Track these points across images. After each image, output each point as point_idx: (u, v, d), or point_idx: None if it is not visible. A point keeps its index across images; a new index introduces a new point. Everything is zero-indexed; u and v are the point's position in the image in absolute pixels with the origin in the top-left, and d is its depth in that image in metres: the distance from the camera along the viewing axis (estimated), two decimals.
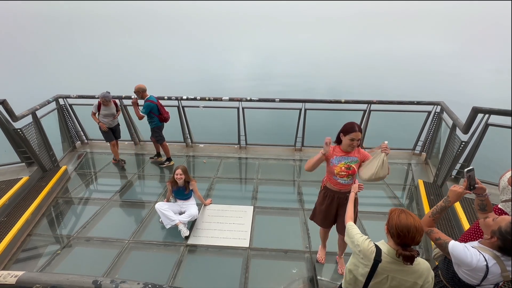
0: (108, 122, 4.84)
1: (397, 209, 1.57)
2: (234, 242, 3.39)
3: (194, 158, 5.45)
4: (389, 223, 1.55)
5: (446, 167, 3.99)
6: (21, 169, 4.51)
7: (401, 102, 4.98)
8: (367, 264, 1.57)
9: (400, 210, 1.55)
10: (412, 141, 5.35)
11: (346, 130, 2.37)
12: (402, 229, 1.46)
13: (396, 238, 1.49)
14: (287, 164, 5.20)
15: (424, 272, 1.54)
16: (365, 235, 1.68)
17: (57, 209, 4.06)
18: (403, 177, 4.80)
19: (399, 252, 1.47)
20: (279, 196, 4.39)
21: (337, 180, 2.50)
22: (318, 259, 3.11)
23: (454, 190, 1.83)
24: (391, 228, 1.53)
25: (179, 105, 5.32)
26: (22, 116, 4.19)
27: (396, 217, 1.51)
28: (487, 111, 3.49)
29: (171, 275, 2.95)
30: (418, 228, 1.46)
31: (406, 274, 1.53)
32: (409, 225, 1.45)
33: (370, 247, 1.58)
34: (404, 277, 1.53)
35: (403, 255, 1.46)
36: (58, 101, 5.14)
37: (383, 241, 1.63)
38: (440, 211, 1.82)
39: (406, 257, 1.46)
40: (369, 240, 1.63)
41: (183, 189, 3.62)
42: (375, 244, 1.60)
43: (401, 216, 1.50)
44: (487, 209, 1.89)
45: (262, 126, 7.79)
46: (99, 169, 5.06)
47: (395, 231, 1.49)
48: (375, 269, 1.55)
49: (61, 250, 3.31)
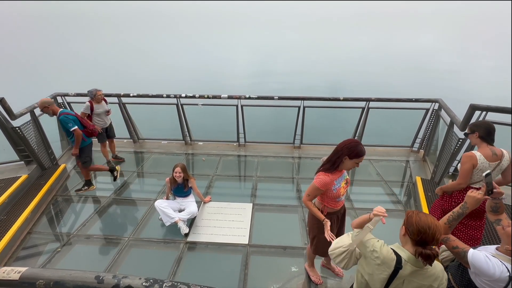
0: (102, 122, 4.74)
1: (412, 210, 1.56)
2: (234, 239, 3.41)
3: (193, 156, 5.46)
4: (407, 222, 1.51)
5: (444, 164, 4.02)
6: (20, 167, 4.50)
7: (399, 99, 5.00)
8: (386, 270, 1.50)
9: (417, 211, 1.54)
10: (410, 138, 5.38)
11: (356, 154, 2.08)
12: (423, 226, 1.43)
13: (416, 236, 1.45)
14: (286, 161, 5.22)
15: (440, 274, 1.51)
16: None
17: (57, 207, 4.06)
18: (401, 174, 4.83)
19: (419, 251, 1.42)
20: (278, 194, 4.41)
21: (339, 200, 2.35)
22: (316, 281, 2.83)
23: (472, 196, 1.70)
24: (410, 226, 1.48)
25: (178, 103, 5.32)
26: (21, 114, 4.18)
27: (415, 216, 1.49)
28: (484, 108, 3.52)
29: (171, 272, 2.97)
30: (438, 226, 1.45)
31: (423, 278, 1.48)
32: (429, 223, 1.44)
33: (391, 254, 1.50)
34: (421, 281, 1.48)
35: (424, 254, 1.41)
36: (56, 99, 5.12)
37: (398, 245, 1.57)
38: (458, 218, 1.74)
39: (427, 256, 1.41)
40: (387, 246, 1.55)
41: (182, 187, 3.63)
42: (392, 249, 1.53)
43: (420, 215, 1.49)
44: (499, 211, 1.83)
45: (261, 123, 7.80)
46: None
47: (415, 228, 1.45)
48: (395, 275, 1.49)
49: (61, 248, 3.33)
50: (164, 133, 6.17)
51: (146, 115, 7.27)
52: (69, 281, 0.89)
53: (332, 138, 4.96)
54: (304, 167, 5.04)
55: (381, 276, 1.52)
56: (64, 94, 5.19)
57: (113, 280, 0.88)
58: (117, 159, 5.24)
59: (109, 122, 4.93)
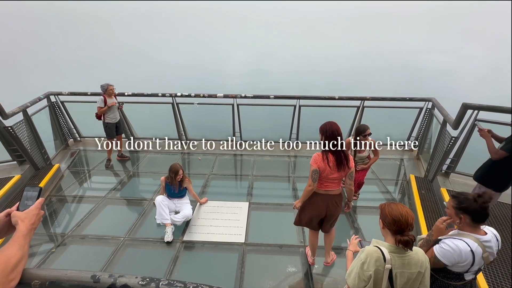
0: (114, 117, 4.77)
1: (384, 203, 1.69)
2: (230, 238, 3.42)
3: (189, 155, 5.44)
4: (382, 215, 1.64)
5: (437, 162, 4.08)
6: (12, 167, 4.44)
7: (394, 98, 5.05)
8: (377, 266, 1.54)
9: (388, 202, 1.68)
10: (405, 137, 5.44)
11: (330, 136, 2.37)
12: (396, 215, 1.55)
13: (393, 226, 1.56)
14: (282, 160, 5.24)
15: (422, 258, 1.62)
16: (356, 234, 1.71)
17: (51, 207, 4.02)
18: (396, 172, 4.89)
19: (398, 239, 1.53)
20: (274, 192, 4.43)
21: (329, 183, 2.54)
22: (310, 261, 3.03)
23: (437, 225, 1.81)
24: (385, 218, 1.60)
25: (173, 102, 5.29)
26: (13, 113, 4.11)
27: (387, 207, 1.63)
28: (476, 107, 3.57)
29: (167, 271, 2.97)
30: (409, 212, 1.58)
31: (410, 267, 1.57)
32: (401, 210, 1.57)
33: (374, 252, 1.55)
34: (409, 270, 1.56)
35: (402, 240, 1.52)
36: (50, 98, 5.05)
37: (375, 240, 1.65)
38: (427, 244, 1.85)
39: (405, 242, 1.51)
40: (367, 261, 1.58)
41: (175, 189, 3.57)
42: (377, 248, 1.58)
43: (391, 205, 1.62)
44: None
45: (257, 122, 7.80)
46: (93, 166, 5.01)
47: (390, 219, 1.57)
48: (391, 276, 1.54)
49: (55, 249, 3.29)
50: (159, 132, 6.13)
51: (142, 114, 7.20)
52: (64, 281, 0.88)
53: None
54: (300, 166, 5.07)
55: (379, 276, 1.56)
56: (58, 93, 5.12)
57: (109, 279, 0.88)
58: (123, 157, 5.21)
59: (119, 118, 4.92)
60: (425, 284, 1.62)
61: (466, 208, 1.65)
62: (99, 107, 4.63)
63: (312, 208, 2.60)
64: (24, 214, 0.96)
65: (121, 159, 5.19)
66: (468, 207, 1.65)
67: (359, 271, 1.59)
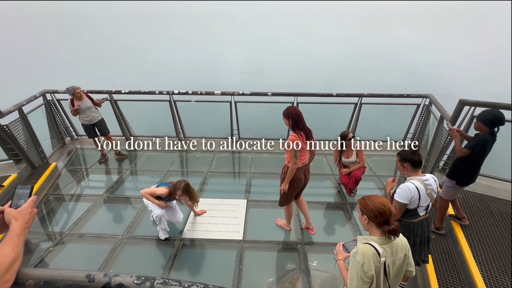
0: (87, 118, 4.64)
1: (361, 198, 1.70)
2: (228, 235, 3.43)
3: (187, 153, 5.43)
4: (365, 210, 1.63)
5: (434, 158, 4.10)
6: (9, 166, 4.41)
7: (392, 95, 5.05)
8: (375, 262, 1.55)
9: (365, 196, 1.69)
10: (402, 133, 5.46)
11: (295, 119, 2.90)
12: (380, 207, 1.58)
13: (379, 218, 1.58)
14: (280, 157, 5.24)
15: (404, 242, 1.67)
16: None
17: (48, 206, 4.00)
18: (393, 168, 4.91)
19: (386, 229, 1.56)
20: (272, 190, 4.42)
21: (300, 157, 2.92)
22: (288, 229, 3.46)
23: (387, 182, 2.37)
24: (369, 212, 1.61)
25: (171, 100, 5.27)
26: (8, 112, 4.08)
27: (369, 201, 1.63)
28: (473, 104, 3.58)
29: (166, 268, 2.98)
30: (384, 199, 1.64)
31: (397, 253, 1.62)
32: (382, 201, 1.61)
33: (368, 249, 1.56)
34: (397, 256, 1.62)
35: (390, 230, 1.56)
36: (45, 96, 5.01)
37: (361, 237, 1.65)
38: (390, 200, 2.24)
39: (394, 231, 1.56)
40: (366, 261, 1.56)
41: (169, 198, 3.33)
42: (368, 244, 1.58)
43: (371, 198, 1.64)
44: None
45: (255, 119, 7.78)
46: (90, 165, 4.99)
47: (376, 212, 1.58)
48: (385, 268, 1.56)
49: (53, 247, 3.29)
50: (157, 130, 6.11)
51: (139, 112, 7.17)
52: (59, 281, 0.88)
53: (325, 134, 5.00)
54: None
55: (377, 272, 1.56)
56: (54, 91, 5.08)
57: (104, 279, 0.88)
58: (120, 155, 5.19)
59: (97, 119, 4.77)
60: (411, 263, 1.71)
61: (406, 157, 2.23)
62: (72, 111, 4.57)
63: (297, 182, 2.99)
64: (17, 213, 0.94)
65: (119, 157, 5.17)
66: (408, 157, 2.22)
67: (360, 274, 1.54)
